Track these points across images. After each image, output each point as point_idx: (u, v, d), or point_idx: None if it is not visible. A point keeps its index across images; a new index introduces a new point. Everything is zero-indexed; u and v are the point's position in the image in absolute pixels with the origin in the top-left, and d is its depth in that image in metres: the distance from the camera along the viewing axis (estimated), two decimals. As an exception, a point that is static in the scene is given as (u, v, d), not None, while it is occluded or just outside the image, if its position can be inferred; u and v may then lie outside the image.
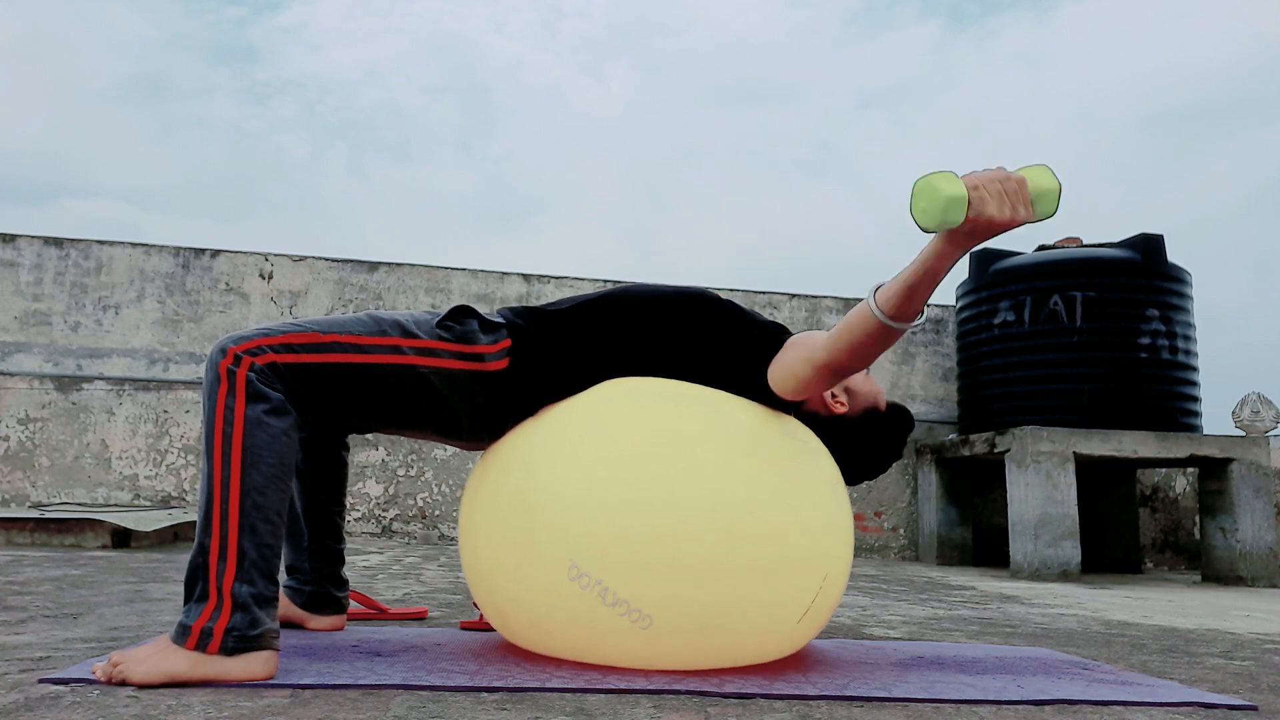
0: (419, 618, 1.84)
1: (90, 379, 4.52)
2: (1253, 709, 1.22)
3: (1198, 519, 4.90)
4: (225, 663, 1.12)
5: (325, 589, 1.61)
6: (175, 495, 4.47)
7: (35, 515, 3.36)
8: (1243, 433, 4.36)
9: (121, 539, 3.36)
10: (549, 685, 1.15)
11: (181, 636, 1.13)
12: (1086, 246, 4.47)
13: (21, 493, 4.36)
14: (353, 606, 1.81)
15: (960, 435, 4.63)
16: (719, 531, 1.21)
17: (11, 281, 4.56)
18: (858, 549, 4.93)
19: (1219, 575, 4.07)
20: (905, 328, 1.16)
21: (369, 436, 4.61)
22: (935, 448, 4.75)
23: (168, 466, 4.49)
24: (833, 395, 1.48)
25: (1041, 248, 4.58)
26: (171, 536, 3.68)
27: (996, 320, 4.45)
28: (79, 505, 4.12)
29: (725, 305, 1.46)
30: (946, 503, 4.72)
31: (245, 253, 4.79)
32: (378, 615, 1.82)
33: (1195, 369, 4.37)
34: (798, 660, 1.43)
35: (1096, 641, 1.91)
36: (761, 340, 1.39)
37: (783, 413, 1.40)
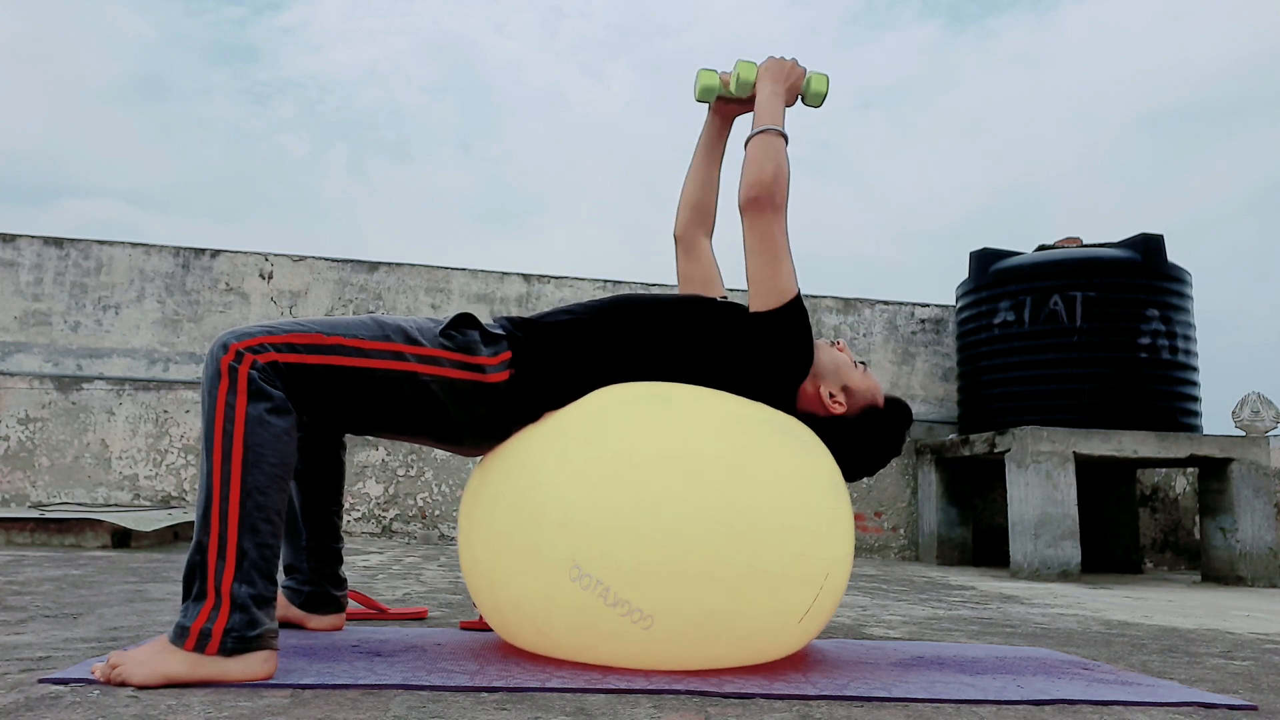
0: (419, 618, 1.84)
1: (90, 379, 4.52)
2: (1253, 709, 1.22)
3: (1198, 519, 4.90)
4: (224, 663, 1.12)
5: (324, 589, 1.61)
6: (175, 495, 4.47)
7: (35, 515, 3.36)
8: (1243, 433, 4.36)
9: (121, 539, 3.37)
10: (549, 685, 1.15)
11: (180, 637, 1.12)
12: (1086, 246, 4.47)
13: (21, 493, 4.36)
14: (353, 606, 1.81)
15: (960, 435, 4.63)
16: (720, 533, 1.21)
17: (11, 281, 4.56)
18: (858, 549, 4.93)
19: (1219, 575, 4.07)
20: (770, 129, 1.48)
21: (369, 436, 4.60)
22: (935, 448, 4.75)
23: (168, 466, 4.50)
24: (830, 395, 1.48)
25: (1041, 248, 4.58)
26: (171, 536, 3.68)
27: (996, 320, 4.45)
28: (79, 505, 4.12)
29: (722, 308, 1.47)
30: (946, 503, 4.72)
31: (245, 253, 4.79)
32: (378, 615, 1.82)
33: (1195, 369, 4.37)
34: (798, 660, 1.43)
35: (1096, 641, 1.91)
36: (758, 342, 1.40)
37: (783, 411, 1.40)
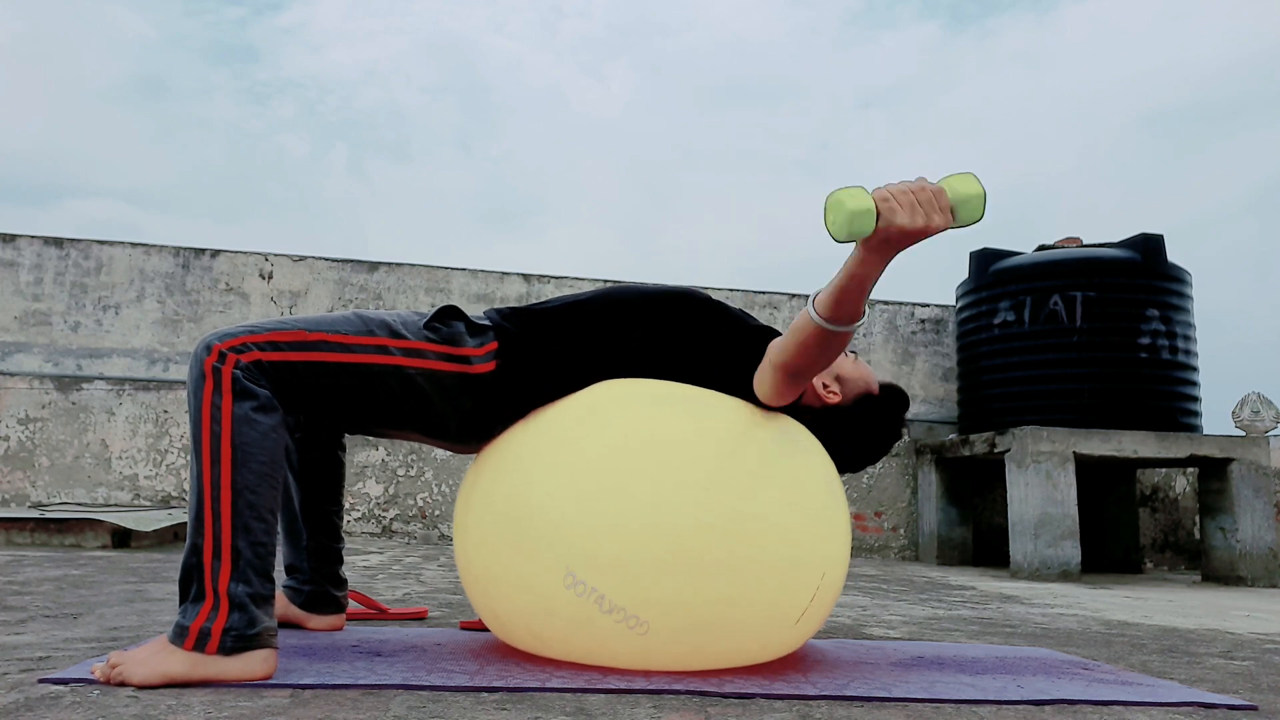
0: (419, 618, 1.84)
1: (90, 379, 4.52)
2: (1253, 709, 1.22)
3: (1198, 519, 4.90)
4: (224, 662, 1.12)
5: (324, 588, 1.61)
6: (175, 495, 4.47)
7: (35, 515, 3.36)
8: (1243, 433, 4.36)
9: (121, 539, 3.36)
10: (549, 685, 1.15)
11: (179, 637, 1.12)
12: (1086, 246, 4.47)
13: (21, 493, 4.36)
14: (353, 606, 1.81)
15: (960, 435, 4.63)
16: (715, 535, 1.21)
17: (11, 281, 4.56)
18: (858, 549, 4.93)
19: (1219, 575, 4.07)
20: (844, 329, 1.18)
21: (369, 436, 4.61)
22: (935, 448, 4.75)
23: (168, 466, 4.50)
24: (824, 386, 1.46)
25: (1041, 248, 4.58)
26: (171, 536, 3.68)
27: (996, 320, 4.45)
28: (79, 505, 4.12)
29: (713, 304, 1.46)
30: (946, 503, 4.72)
31: (245, 253, 4.79)
32: (378, 615, 1.82)
33: (1195, 369, 4.37)
34: (798, 660, 1.42)
35: (1096, 641, 1.91)
36: (749, 340, 1.38)
37: (775, 411, 1.39)
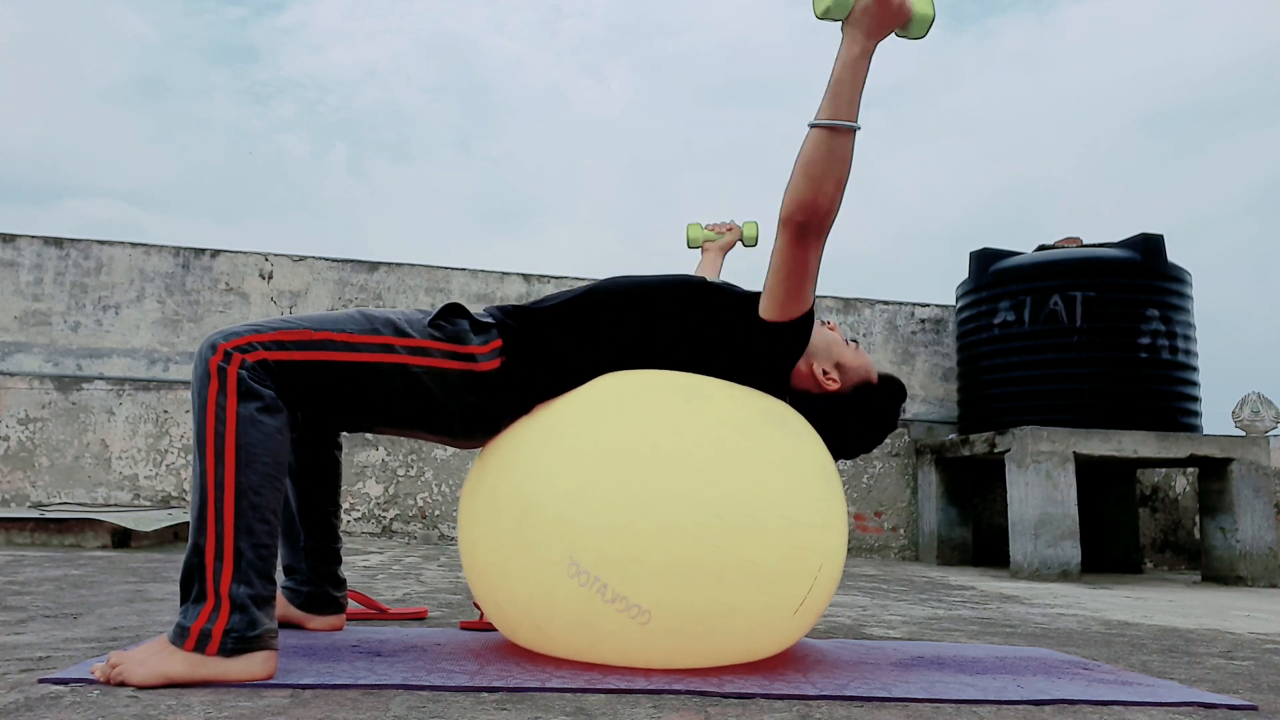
0: (419, 618, 1.84)
1: (90, 379, 4.52)
2: (1253, 709, 1.22)
3: (1198, 519, 4.90)
4: (224, 663, 1.12)
5: (323, 589, 1.61)
6: (175, 495, 4.47)
7: (35, 515, 3.36)
8: (1243, 433, 4.36)
9: (121, 539, 3.36)
10: (549, 685, 1.15)
11: (180, 637, 1.12)
12: (1086, 246, 4.47)
13: (21, 493, 4.36)
14: (353, 607, 1.81)
15: (960, 435, 4.63)
16: (714, 525, 1.21)
17: (11, 281, 4.56)
18: (858, 549, 4.93)
19: (1219, 575, 4.07)
20: (844, 125, 1.25)
21: (369, 436, 4.61)
22: (935, 448, 4.75)
23: (168, 466, 4.50)
24: (824, 373, 1.48)
25: (1041, 248, 4.58)
26: (171, 536, 3.68)
27: (996, 320, 4.45)
28: (79, 505, 4.12)
29: (712, 289, 1.46)
30: (946, 503, 4.72)
31: (245, 253, 4.79)
32: (378, 615, 1.82)
33: (1195, 369, 4.37)
34: (798, 660, 1.43)
35: (1096, 641, 1.91)
36: (747, 313, 1.40)
37: (777, 397, 1.40)
